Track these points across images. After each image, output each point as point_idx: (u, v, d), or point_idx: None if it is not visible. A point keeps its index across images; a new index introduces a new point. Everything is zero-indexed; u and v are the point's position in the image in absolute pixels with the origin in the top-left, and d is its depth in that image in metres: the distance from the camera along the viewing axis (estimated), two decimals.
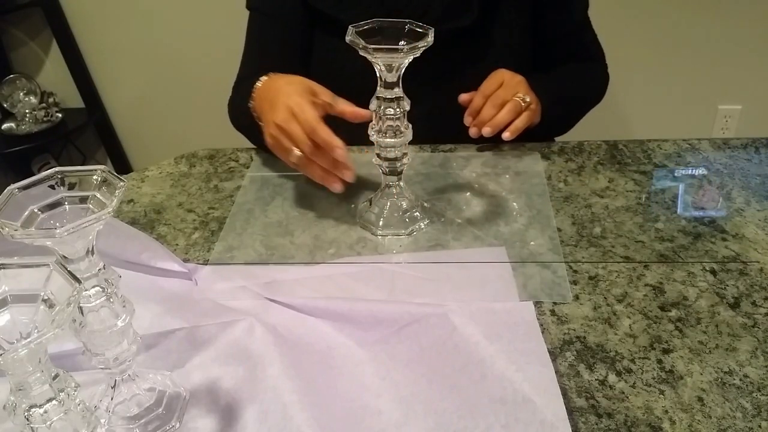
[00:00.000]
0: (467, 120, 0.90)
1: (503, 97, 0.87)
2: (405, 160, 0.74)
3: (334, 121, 0.97)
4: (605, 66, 1.07)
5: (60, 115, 2.00)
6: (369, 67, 0.91)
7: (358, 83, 0.92)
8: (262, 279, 0.70)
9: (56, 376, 0.41)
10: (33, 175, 0.46)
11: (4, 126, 1.97)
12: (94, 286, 0.48)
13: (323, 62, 0.97)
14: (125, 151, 2.22)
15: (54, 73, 2.05)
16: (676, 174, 0.85)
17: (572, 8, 1.00)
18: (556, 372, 0.57)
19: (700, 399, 0.55)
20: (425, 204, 0.80)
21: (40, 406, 0.41)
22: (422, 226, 0.77)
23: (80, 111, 2.07)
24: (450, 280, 0.69)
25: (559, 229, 0.75)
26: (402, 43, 0.65)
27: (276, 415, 0.54)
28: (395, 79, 0.67)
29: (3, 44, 2.00)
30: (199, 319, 0.64)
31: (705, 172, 0.85)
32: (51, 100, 2.00)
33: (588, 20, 1.04)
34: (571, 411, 0.54)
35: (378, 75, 0.67)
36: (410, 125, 0.71)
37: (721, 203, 0.79)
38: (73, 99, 2.07)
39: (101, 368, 0.51)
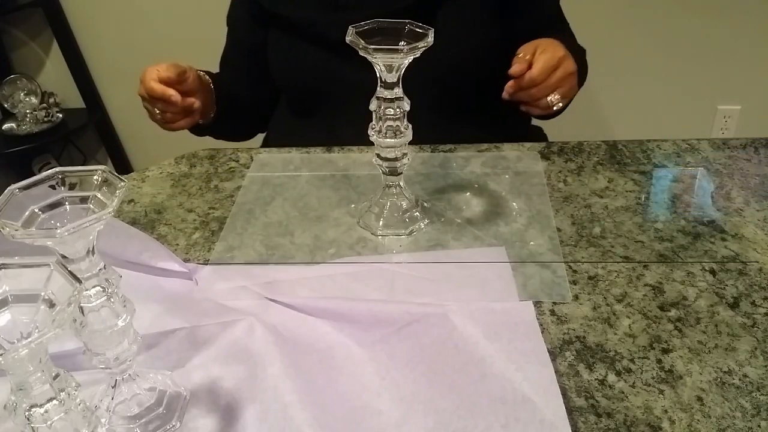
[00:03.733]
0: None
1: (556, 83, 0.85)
2: (405, 161, 0.74)
3: (334, 122, 0.98)
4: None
5: (60, 115, 2.00)
6: (325, 62, 0.91)
7: (311, 78, 0.93)
8: (262, 279, 0.70)
9: (57, 375, 0.41)
10: (34, 175, 0.46)
11: (5, 126, 1.97)
12: (94, 286, 0.48)
13: (280, 61, 1.00)
14: (126, 151, 2.22)
15: (54, 74, 2.05)
16: (675, 174, 0.85)
17: (542, 2, 0.98)
18: (556, 372, 0.57)
19: (700, 399, 0.55)
20: (425, 204, 0.80)
21: (41, 406, 0.41)
22: (422, 226, 0.77)
23: (81, 111, 2.08)
24: (450, 280, 0.69)
25: (559, 229, 0.76)
26: (402, 43, 0.65)
27: (276, 414, 0.54)
28: (395, 80, 0.67)
29: (4, 44, 2.00)
30: (200, 319, 0.64)
31: (704, 173, 0.85)
32: (51, 100, 2.00)
33: (561, 14, 1.01)
34: (571, 410, 0.54)
35: (378, 75, 0.67)
36: (410, 125, 0.71)
37: (720, 203, 0.79)
38: (74, 99, 2.07)
39: (102, 368, 0.51)
